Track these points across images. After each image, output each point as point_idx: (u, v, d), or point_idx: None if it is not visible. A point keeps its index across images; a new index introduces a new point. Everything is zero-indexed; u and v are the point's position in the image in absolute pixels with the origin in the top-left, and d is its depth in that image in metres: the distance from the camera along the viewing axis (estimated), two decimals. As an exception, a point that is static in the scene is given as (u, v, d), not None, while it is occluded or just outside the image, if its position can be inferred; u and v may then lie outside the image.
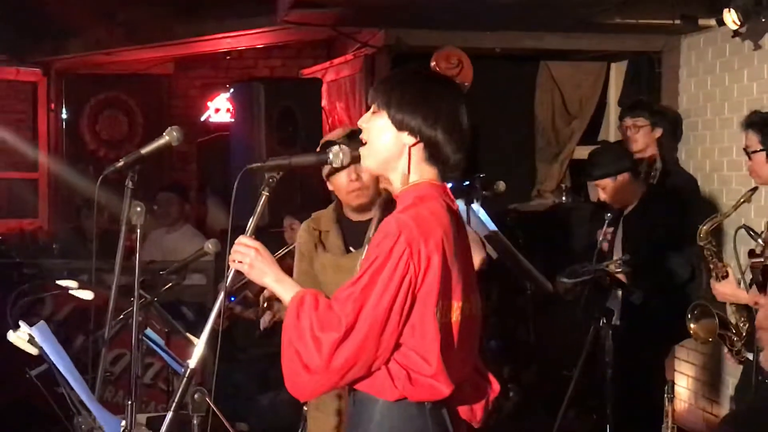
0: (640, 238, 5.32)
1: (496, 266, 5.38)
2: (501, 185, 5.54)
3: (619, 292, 5.09)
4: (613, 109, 7.62)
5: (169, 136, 3.12)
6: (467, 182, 5.57)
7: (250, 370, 5.79)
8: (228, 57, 9.16)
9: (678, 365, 6.82)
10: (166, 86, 9.54)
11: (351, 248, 3.86)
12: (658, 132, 6.03)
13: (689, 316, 4.69)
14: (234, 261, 2.77)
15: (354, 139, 3.55)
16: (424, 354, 2.65)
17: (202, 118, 9.29)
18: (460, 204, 5.40)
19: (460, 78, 5.62)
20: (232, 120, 8.08)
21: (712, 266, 4.50)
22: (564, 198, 7.48)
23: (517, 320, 5.95)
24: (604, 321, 4.61)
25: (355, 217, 3.87)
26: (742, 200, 4.49)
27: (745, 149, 4.50)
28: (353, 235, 3.84)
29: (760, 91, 5.90)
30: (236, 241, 2.83)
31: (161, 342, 5.10)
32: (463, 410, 2.84)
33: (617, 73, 7.65)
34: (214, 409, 2.55)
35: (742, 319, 4.50)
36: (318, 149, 3.50)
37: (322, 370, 2.59)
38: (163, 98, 9.51)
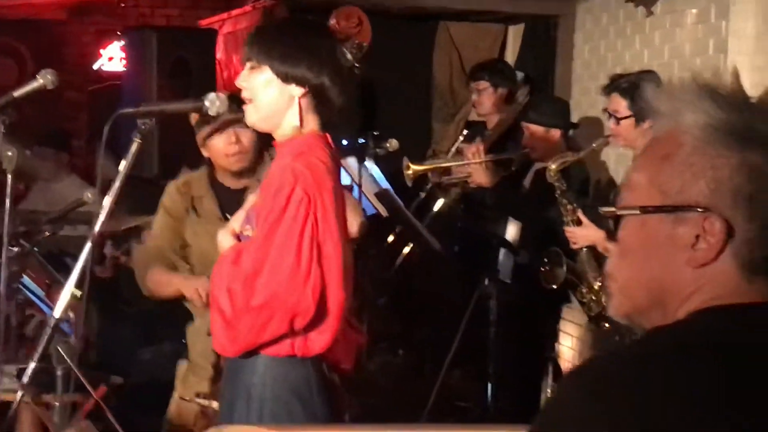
0: (548, 197, 5.33)
1: (387, 224, 5.39)
2: (393, 143, 5.54)
3: (504, 252, 5.14)
4: (510, 72, 7.65)
5: (44, 78, 3.04)
6: (362, 140, 5.55)
7: (134, 323, 5.70)
8: (123, 4, 8.93)
9: (563, 325, 6.91)
10: (59, 32, 9.26)
11: (228, 215, 3.78)
12: (502, 92, 6.05)
13: (545, 261, 4.77)
14: None
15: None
16: (328, 305, 2.66)
17: (95, 66, 9.05)
18: (353, 161, 5.39)
19: (359, 37, 5.57)
20: (125, 69, 7.90)
21: (562, 209, 4.57)
22: None
23: (406, 278, 5.97)
24: (489, 280, 4.65)
25: (231, 183, 3.77)
26: (594, 145, 4.61)
27: (611, 113, 4.57)
28: (229, 202, 3.74)
29: (650, 58, 5.98)
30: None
31: (41, 293, 4.98)
32: (336, 359, 2.85)
33: (515, 36, 7.67)
34: (69, 361, 2.48)
35: (593, 273, 4.61)
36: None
37: (240, 313, 2.57)
38: (55, 45, 9.22)
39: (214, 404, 3.34)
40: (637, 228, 1.37)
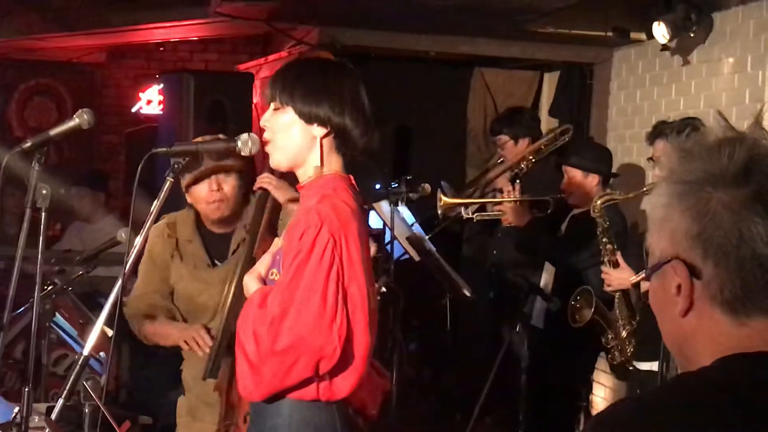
0: (581, 242, 5.30)
1: (418, 268, 5.37)
2: (426, 188, 5.53)
3: (538, 298, 5.10)
4: (544, 119, 7.66)
5: (80, 118, 3.04)
6: (395, 184, 5.56)
7: (165, 365, 5.68)
8: (161, 48, 9.03)
9: (597, 375, 6.85)
10: (98, 75, 9.38)
11: (217, 261, 3.76)
12: (524, 142, 6.06)
13: (576, 297, 4.72)
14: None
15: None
16: (354, 349, 2.64)
17: (134, 109, 9.15)
18: (386, 205, 5.39)
19: None
20: (162, 111, 7.98)
21: (602, 248, 4.52)
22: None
23: (436, 323, 5.94)
24: (521, 327, 4.61)
25: (216, 229, 3.77)
26: (645, 189, 4.55)
27: (655, 161, 4.53)
28: (216, 248, 3.75)
29: (686, 106, 5.96)
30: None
31: (74, 332, 5.00)
32: (361, 404, 2.83)
33: (550, 83, 7.69)
34: (95, 399, 2.48)
35: (623, 321, 4.53)
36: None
37: (265, 357, 2.57)
38: (94, 87, 9.34)
39: None
40: (651, 292, 1.46)
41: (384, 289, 4.86)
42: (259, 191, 3.54)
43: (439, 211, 5.52)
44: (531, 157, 5.95)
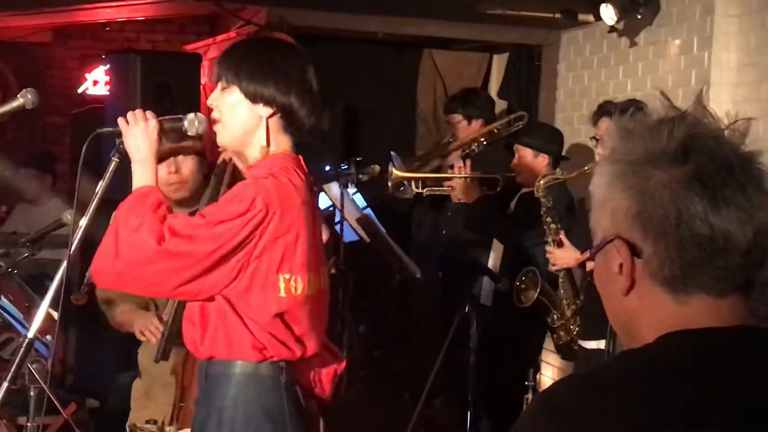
0: (529, 221, 5.31)
1: (367, 250, 5.37)
2: (376, 169, 5.53)
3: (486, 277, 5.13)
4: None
5: (23, 98, 3.01)
6: (344, 165, 5.55)
7: (113, 348, 5.65)
8: (107, 28, 8.91)
9: (545, 355, 6.90)
10: (44, 55, 9.24)
11: None
12: (476, 123, 6.09)
13: (522, 278, 4.77)
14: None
15: None
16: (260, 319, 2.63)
17: (80, 90, 9.02)
18: (335, 187, 5.38)
19: None
20: (108, 92, 7.88)
21: (546, 228, 4.56)
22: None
23: (386, 305, 5.95)
24: (469, 307, 4.63)
25: (177, 210, 3.77)
26: (586, 168, 4.59)
27: (598, 139, 4.57)
28: None
29: (634, 88, 6.00)
30: (138, 110, 2.86)
31: (20, 316, 4.93)
32: (311, 385, 2.83)
33: (498, 64, 7.71)
34: (41, 382, 2.46)
35: (567, 300, 4.59)
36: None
37: (132, 266, 2.57)
38: (39, 68, 9.20)
39: (168, 429, 3.32)
40: (595, 272, 1.48)
41: (333, 270, 4.86)
42: (220, 164, 3.53)
43: (389, 184, 5.53)
44: (483, 139, 5.97)
